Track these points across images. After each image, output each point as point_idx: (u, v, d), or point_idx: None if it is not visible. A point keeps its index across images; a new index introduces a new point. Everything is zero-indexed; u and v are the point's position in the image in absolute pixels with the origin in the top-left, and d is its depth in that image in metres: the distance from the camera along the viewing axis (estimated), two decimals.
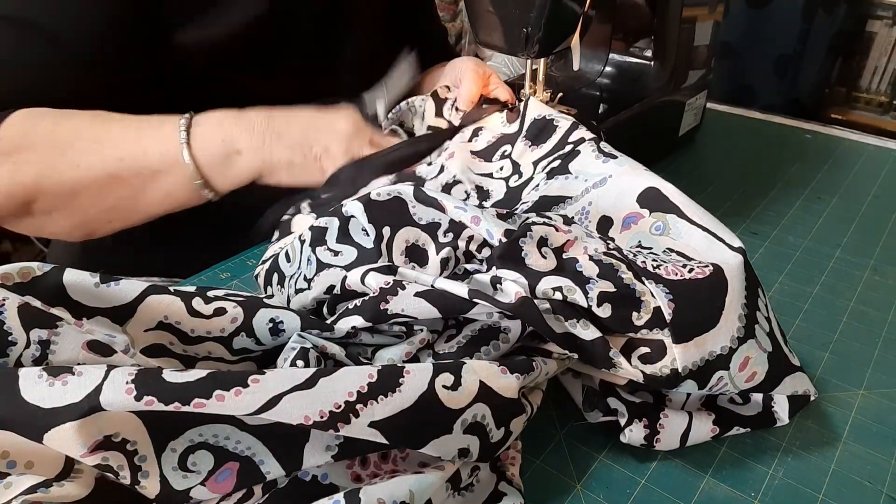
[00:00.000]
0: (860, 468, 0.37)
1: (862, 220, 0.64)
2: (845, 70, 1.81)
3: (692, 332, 0.34)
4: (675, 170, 0.75)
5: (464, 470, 0.32)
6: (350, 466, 0.32)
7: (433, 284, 0.36)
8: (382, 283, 0.36)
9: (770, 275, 0.55)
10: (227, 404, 0.27)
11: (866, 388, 0.43)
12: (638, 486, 0.36)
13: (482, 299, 0.34)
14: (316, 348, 0.35)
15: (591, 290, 0.35)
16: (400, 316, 0.35)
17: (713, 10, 0.74)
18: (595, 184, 0.46)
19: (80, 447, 0.27)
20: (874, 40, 1.75)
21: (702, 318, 0.34)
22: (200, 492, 0.29)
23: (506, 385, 0.33)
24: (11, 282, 0.32)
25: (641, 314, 0.35)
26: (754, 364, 0.36)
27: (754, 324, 0.36)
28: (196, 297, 0.36)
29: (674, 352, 0.34)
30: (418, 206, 0.41)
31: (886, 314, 0.50)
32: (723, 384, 0.35)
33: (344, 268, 0.40)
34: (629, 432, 0.36)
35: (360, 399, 0.29)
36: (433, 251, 0.40)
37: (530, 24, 0.54)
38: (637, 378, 0.35)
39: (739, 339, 0.35)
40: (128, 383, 0.27)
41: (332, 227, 0.42)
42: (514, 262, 0.37)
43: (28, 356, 0.30)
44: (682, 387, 0.35)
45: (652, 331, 0.35)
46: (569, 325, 0.35)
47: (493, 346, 0.36)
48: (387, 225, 0.40)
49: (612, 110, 0.66)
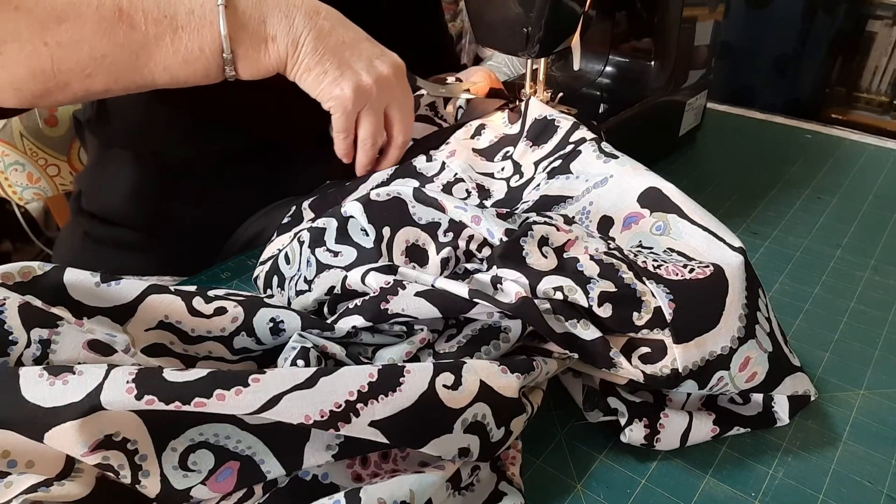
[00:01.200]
0: (860, 468, 0.37)
1: (862, 220, 0.64)
2: (845, 70, 1.82)
3: (692, 333, 0.34)
4: (675, 170, 0.75)
5: (464, 469, 0.32)
6: (350, 466, 0.32)
7: (433, 284, 0.36)
8: (383, 283, 0.36)
9: (770, 275, 0.55)
10: (228, 403, 0.27)
11: (866, 388, 0.43)
12: (638, 486, 0.36)
13: (482, 299, 0.34)
14: (316, 348, 0.35)
15: (591, 289, 0.35)
16: (400, 316, 0.35)
17: (713, 10, 0.74)
18: (596, 184, 0.46)
19: (80, 446, 0.27)
20: (874, 40, 1.75)
21: (702, 319, 0.34)
22: (201, 491, 0.29)
23: (506, 384, 0.33)
24: (12, 281, 0.32)
25: (642, 314, 0.35)
26: (755, 364, 0.36)
27: (755, 324, 0.36)
28: (196, 296, 0.36)
29: (674, 352, 0.34)
30: (418, 205, 0.41)
31: (886, 314, 0.50)
32: (723, 384, 0.35)
33: (344, 268, 0.40)
34: (629, 432, 0.36)
35: (361, 398, 0.29)
36: (433, 251, 0.40)
37: (530, 24, 0.54)
38: (637, 378, 0.35)
39: (740, 339, 0.35)
40: (128, 382, 0.27)
41: (330, 228, 0.42)
42: (515, 262, 0.37)
43: (28, 355, 0.30)
44: (683, 387, 0.35)
45: (652, 331, 0.35)
46: (569, 325, 0.35)
47: (494, 345, 0.36)
48: (386, 225, 0.40)
49: (612, 110, 0.66)
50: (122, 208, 0.64)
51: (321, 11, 0.48)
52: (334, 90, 0.48)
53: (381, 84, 0.50)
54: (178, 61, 0.43)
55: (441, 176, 0.52)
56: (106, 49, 0.40)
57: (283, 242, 0.47)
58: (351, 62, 0.48)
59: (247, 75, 0.46)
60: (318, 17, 0.47)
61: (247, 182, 0.63)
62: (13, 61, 0.39)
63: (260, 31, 0.45)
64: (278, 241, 0.49)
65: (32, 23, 0.38)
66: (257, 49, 0.45)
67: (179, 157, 0.62)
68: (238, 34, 0.44)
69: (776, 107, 1.40)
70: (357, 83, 0.48)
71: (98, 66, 0.41)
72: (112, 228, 0.65)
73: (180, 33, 0.42)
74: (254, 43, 0.45)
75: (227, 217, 0.62)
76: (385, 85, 0.50)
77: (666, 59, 0.70)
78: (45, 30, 0.38)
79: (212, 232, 0.62)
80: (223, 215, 0.62)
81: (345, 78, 0.48)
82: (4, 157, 0.85)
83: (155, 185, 0.63)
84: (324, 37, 0.47)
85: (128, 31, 0.40)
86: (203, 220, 0.63)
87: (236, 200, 0.62)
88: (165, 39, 0.42)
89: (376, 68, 0.49)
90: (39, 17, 0.38)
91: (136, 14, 0.40)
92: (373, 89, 0.49)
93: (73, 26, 0.39)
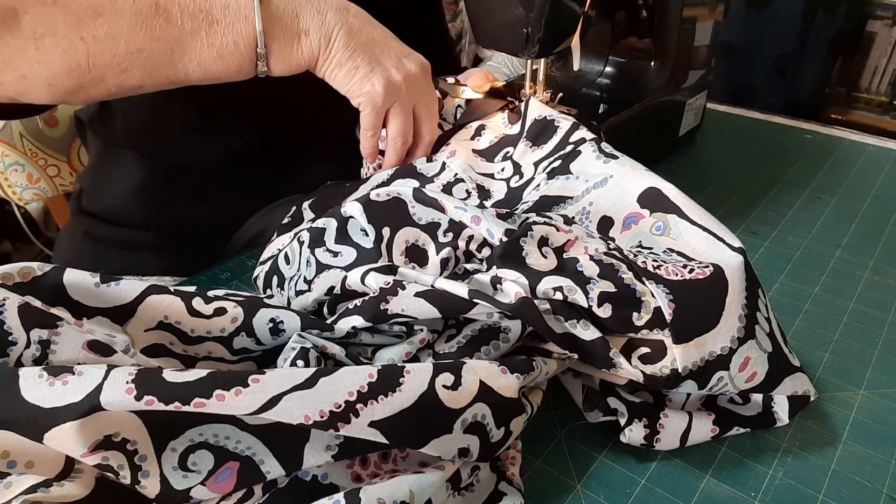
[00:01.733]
0: (860, 468, 0.37)
1: (862, 220, 0.64)
2: (845, 70, 1.82)
3: (692, 333, 0.34)
4: (675, 170, 0.75)
5: (464, 470, 0.32)
6: (350, 466, 0.32)
7: (433, 284, 0.36)
8: (382, 283, 0.36)
9: (770, 275, 0.55)
10: (228, 404, 0.27)
11: (866, 388, 0.43)
12: (638, 486, 0.36)
13: (482, 300, 0.34)
14: (316, 348, 0.35)
15: (591, 290, 0.35)
16: (400, 316, 0.35)
17: (713, 10, 0.74)
18: (596, 184, 0.46)
19: (80, 447, 0.27)
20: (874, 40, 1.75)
21: (702, 319, 0.34)
22: (200, 491, 0.29)
23: (506, 385, 0.33)
24: (12, 282, 0.32)
25: (642, 314, 0.35)
26: (754, 364, 0.36)
27: (754, 324, 0.36)
28: (196, 296, 0.36)
29: (674, 352, 0.34)
30: (418, 206, 0.41)
31: (886, 314, 0.50)
32: (723, 384, 0.35)
33: (343, 268, 0.40)
34: (629, 432, 0.36)
35: (361, 399, 0.29)
36: (433, 251, 0.40)
37: (530, 24, 0.54)
38: (637, 378, 0.35)
39: (739, 339, 0.35)
40: (128, 383, 0.27)
41: (330, 228, 0.42)
42: (515, 262, 0.37)
43: (28, 356, 0.30)
44: (682, 387, 0.35)
45: (652, 331, 0.35)
46: (569, 326, 0.35)
47: (494, 345, 0.36)
48: (386, 225, 0.40)
49: (612, 110, 0.66)
50: (124, 208, 0.64)
51: (350, 9, 0.48)
52: (365, 86, 0.48)
53: (410, 81, 0.50)
54: (213, 56, 0.43)
55: (441, 176, 0.52)
56: (142, 43, 0.40)
57: (282, 242, 0.47)
58: (381, 59, 0.48)
59: (279, 71, 0.46)
60: (349, 14, 0.48)
61: (249, 181, 0.63)
62: (50, 56, 0.39)
63: (293, 25, 0.45)
64: (278, 241, 0.49)
65: (69, 17, 0.38)
66: (290, 44, 0.45)
67: (183, 156, 0.62)
68: (272, 29, 0.44)
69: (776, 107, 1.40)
70: (388, 79, 0.48)
71: (134, 60, 0.41)
72: (113, 228, 0.65)
73: (215, 27, 0.42)
74: (287, 38, 0.45)
75: (229, 217, 0.62)
76: (413, 82, 0.50)
77: (666, 59, 0.70)
78: (82, 24, 0.38)
79: (213, 231, 0.62)
80: (225, 215, 0.62)
81: (375, 74, 0.48)
82: (4, 158, 0.85)
83: (157, 185, 0.63)
84: (355, 33, 0.47)
85: (164, 26, 0.40)
86: (205, 219, 0.63)
87: (238, 200, 0.62)
88: (200, 34, 0.42)
89: (405, 66, 0.49)
90: (76, 11, 0.38)
91: (172, 8, 0.40)
92: (402, 86, 0.49)
93: (109, 20, 0.39)
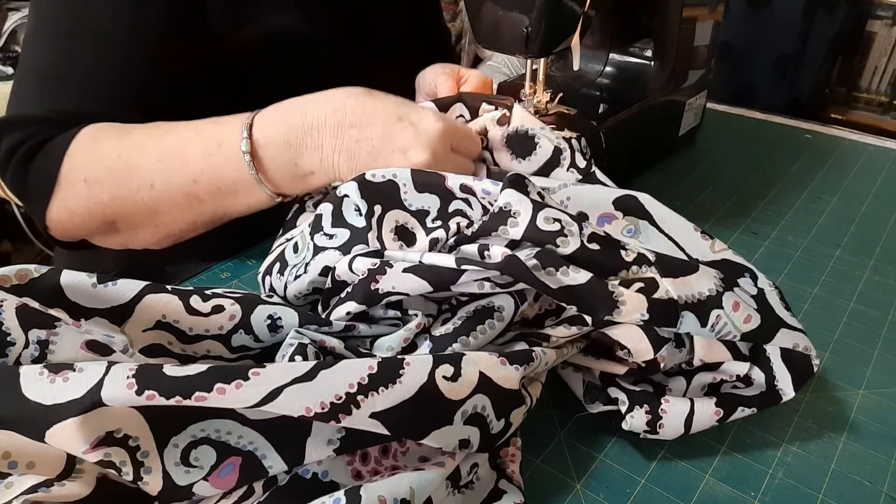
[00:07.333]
0: (860, 468, 0.37)
1: (862, 220, 0.64)
2: (845, 70, 1.82)
3: (676, 272, 0.36)
4: (675, 170, 0.74)
5: (463, 467, 0.33)
6: (350, 463, 0.32)
7: (421, 260, 0.37)
8: (370, 265, 0.36)
9: (770, 275, 0.54)
10: (229, 397, 0.27)
11: (866, 388, 0.43)
12: (638, 486, 0.36)
13: (469, 265, 0.35)
14: (314, 343, 0.35)
15: (585, 227, 0.37)
16: (391, 294, 0.35)
17: (713, 10, 0.74)
18: (574, 182, 0.47)
19: (82, 443, 0.27)
20: (874, 40, 1.75)
21: (681, 266, 0.37)
22: (203, 487, 0.29)
23: (506, 376, 0.33)
24: (9, 284, 0.32)
25: (629, 252, 0.37)
26: (745, 308, 0.36)
27: (733, 287, 0.38)
28: (194, 294, 0.36)
29: (665, 284, 0.36)
30: (410, 192, 0.41)
31: (886, 314, 0.50)
32: (722, 323, 0.35)
33: (338, 248, 0.40)
34: (630, 419, 0.36)
35: (361, 390, 0.29)
36: (422, 235, 0.41)
37: (530, 24, 0.54)
38: (641, 309, 0.35)
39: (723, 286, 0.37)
40: (129, 378, 0.27)
41: (326, 213, 0.43)
42: (520, 189, 0.38)
43: (27, 356, 0.30)
44: (684, 322, 0.35)
45: (641, 268, 0.37)
46: (560, 274, 0.35)
47: (489, 324, 0.36)
48: (378, 203, 0.41)
49: (612, 110, 0.66)
50: None
51: (346, 113, 0.46)
52: None
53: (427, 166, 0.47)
54: (245, 209, 0.52)
55: None
56: (194, 217, 0.52)
57: (291, 234, 0.48)
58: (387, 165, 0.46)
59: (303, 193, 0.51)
60: (345, 124, 0.46)
61: None
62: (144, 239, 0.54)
63: (296, 173, 0.48)
64: (286, 235, 0.49)
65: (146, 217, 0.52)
66: (300, 184, 0.49)
67: None
68: (279, 183, 0.49)
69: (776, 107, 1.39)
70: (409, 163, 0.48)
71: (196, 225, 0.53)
72: None
73: (239, 197, 0.50)
74: (295, 183, 0.49)
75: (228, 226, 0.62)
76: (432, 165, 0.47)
77: (666, 59, 0.70)
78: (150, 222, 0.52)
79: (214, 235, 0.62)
80: None
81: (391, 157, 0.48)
82: None
83: None
84: (353, 155, 0.46)
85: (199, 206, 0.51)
86: None
87: None
88: (228, 199, 0.51)
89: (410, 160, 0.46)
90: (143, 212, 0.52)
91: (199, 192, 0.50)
92: None
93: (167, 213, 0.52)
